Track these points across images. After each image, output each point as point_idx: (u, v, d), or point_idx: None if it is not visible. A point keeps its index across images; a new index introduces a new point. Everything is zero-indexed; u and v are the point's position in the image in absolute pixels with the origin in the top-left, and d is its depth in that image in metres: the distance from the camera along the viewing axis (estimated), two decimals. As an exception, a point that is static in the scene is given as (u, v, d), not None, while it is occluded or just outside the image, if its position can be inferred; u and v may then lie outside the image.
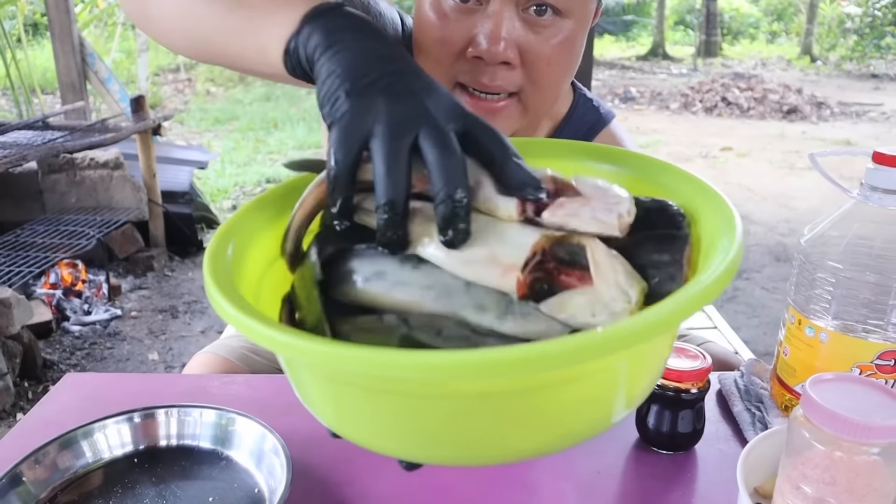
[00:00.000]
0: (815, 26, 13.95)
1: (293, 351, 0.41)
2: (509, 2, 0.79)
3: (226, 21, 0.63)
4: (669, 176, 0.62)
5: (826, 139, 6.89)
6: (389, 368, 0.39)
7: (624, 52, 14.93)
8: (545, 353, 0.38)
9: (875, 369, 0.71)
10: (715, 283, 0.43)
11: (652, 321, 0.40)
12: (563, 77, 0.87)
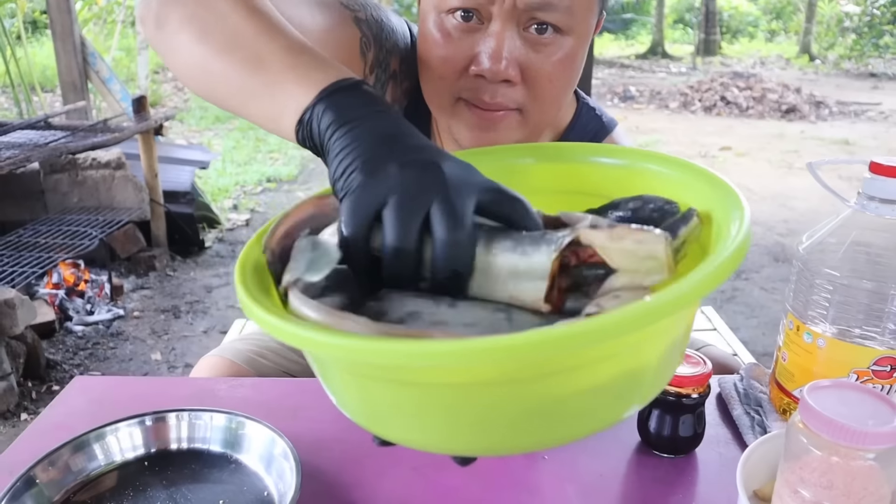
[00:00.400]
0: (814, 25, 13.96)
1: (343, 350, 0.41)
2: (510, 21, 0.81)
3: (242, 84, 0.63)
4: (665, 164, 0.63)
5: (825, 139, 6.90)
6: (442, 357, 0.39)
7: (623, 50, 14.94)
8: (602, 326, 0.39)
9: (872, 375, 0.73)
10: (739, 248, 0.45)
11: (691, 287, 0.41)
12: (564, 92, 0.88)
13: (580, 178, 0.68)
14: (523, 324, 0.48)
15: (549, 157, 0.70)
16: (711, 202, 0.56)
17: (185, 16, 0.68)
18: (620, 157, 0.67)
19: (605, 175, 0.66)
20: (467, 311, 0.49)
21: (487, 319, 0.48)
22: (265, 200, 4.75)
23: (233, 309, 3.10)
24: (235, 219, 4.28)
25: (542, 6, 0.80)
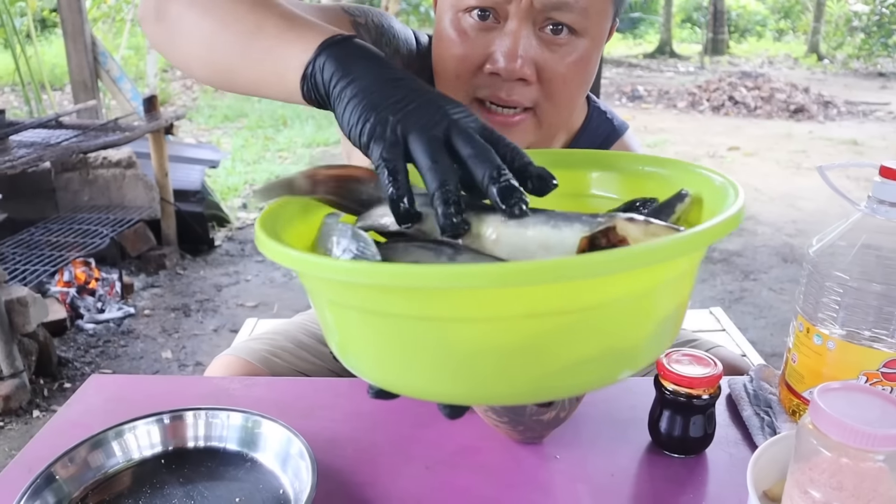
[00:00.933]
0: (823, 24, 13.91)
1: (350, 273, 0.44)
2: (526, 20, 0.82)
3: (246, 50, 0.67)
4: (665, 166, 0.66)
5: (833, 139, 6.88)
6: (449, 278, 0.41)
7: (631, 49, 14.92)
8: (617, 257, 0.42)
9: (881, 377, 0.73)
10: (735, 215, 0.48)
11: (700, 233, 0.45)
12: (578, 93, 0.90)
13: (584, 182, 0.70)
14: None
15: (561, 163, 0.72)
16: (703, 188, 0.59)
17: (182, 4, 0.73)
18: (621, 162, 0.69)
19: (607, 180, 0.69)
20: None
21: None
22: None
23: (242, 308, 3.12)
24: (245, 217, 4.30)
25: (558, 6, 0.81)
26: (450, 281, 0.41)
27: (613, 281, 0.45)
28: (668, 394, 0.76)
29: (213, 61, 0.72)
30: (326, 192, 0.59)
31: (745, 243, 3.96)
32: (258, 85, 0.68)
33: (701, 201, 0.59)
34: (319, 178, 0.58)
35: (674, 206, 0.58)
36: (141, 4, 0.78)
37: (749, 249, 3.86)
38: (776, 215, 4.45)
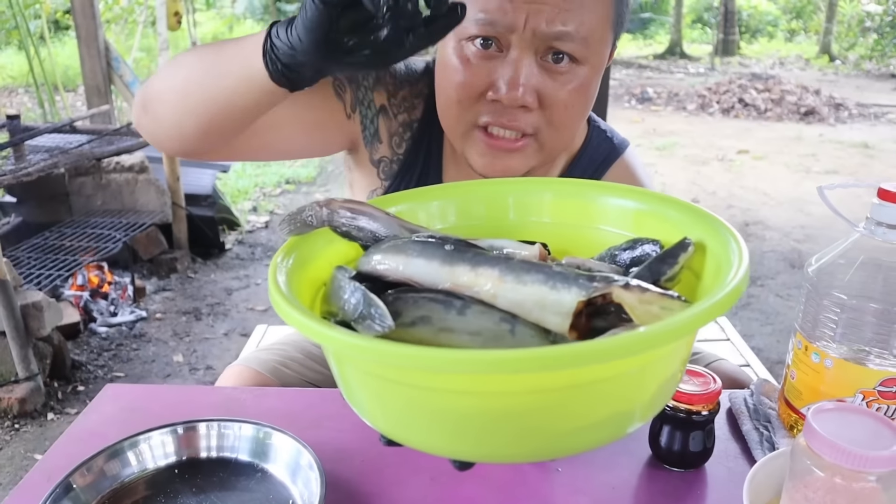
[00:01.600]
0: (835, 25, 13.83)
1: (359, 351, 0.47)
2: (528, 49, 0.84)
3: (214, 72, 0.74)
4: (672, 207, 0.68)
5: (843, 142, 6.85)
6: (453, 364, 0.44)
7: (641, 50, 14.88)
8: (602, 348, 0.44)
9: (878, 395, 0.75)
10: (732, 292, 0.50)
11: (679, 324, 0.46)
12: (578, 119, 0.92)
13: (591, 215, 0.73)
14: (525, 336, 0.52)
15: (566, 193, 0.74)
16: (708, 237, 0.62)
17: (158, 81, 0.83)
18: (631, 198, 0.72)
19: (613, 214, 0.72)
20: (474, 320, 0.54)
21: (492, 330, 0.53)
22: (284, 202, 4.79)
23: (253, 312, 3.15)
24: (255, 221, 4.33)
25: (559, 36, 0.84)
26: (453, 367, 0.44)
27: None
28: (669, 409, 0.78)
29: (192, 105, 0.78)
30: (342, 222, 0.62)
31: (753, 248, 3.96)
32: (235, 94, 0.73)
33: (704, 248, 0.61)
34: (333, 207, 0.61)
35: (677, 255, 0.60)
36: (134, 110, 0.87)
37: (756, 255, 3.86)
38: (784, 220, 4.44)
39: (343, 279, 0.58)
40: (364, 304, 0.54)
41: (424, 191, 0.77)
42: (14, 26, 4.76)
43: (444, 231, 0.72)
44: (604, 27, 0.88)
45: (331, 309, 0.58)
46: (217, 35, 12.10)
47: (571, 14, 0.83)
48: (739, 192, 5.11)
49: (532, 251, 0.63)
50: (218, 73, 0.74)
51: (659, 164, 5.94)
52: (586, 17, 0.84)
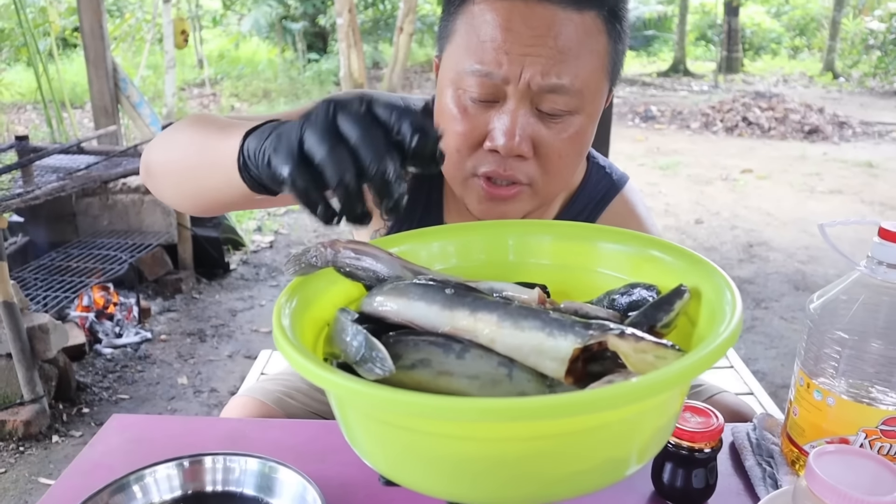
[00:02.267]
0: (838, 42, 13.87)
1: (362, 398, 0.48)
2: (524, 100, 0.86)
3: (201, 169, 0.77)
4: (669, 252, 0.70)
5: (847, 161, 6.85)
6: (448, 413, 0.46)
7: (645, 67, 14.94)
8: (589, 398, 0.45)
9: (880, 434, 0.75)
10: (722, 344, 0.51)
11: (671, 376, 0.47)
12: (573, 166, 0.94)
13: (590, 258, 0.74)
14: (522, 381, 0.54)
15: (566, 236, 0.76)
16: (703, 283, 0.63)
17: (157, 153, 0.88)
18: (627, 242, 0.73)
19: (611, 257, 0.73)
20: (472, 364, 0.55)
21: (490, 374, 0.55)
22: (289, 222, 4.81)
23: (257, 333, 3.16)
24: (259, 241, 4.35)
25: (554, 88, 0.85)
26: (447, 414, 0.46)
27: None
28: (671, 446, 0.78)
29: (184, 190, 0.84)
30: (346, 262, 0.63)
31: (757, 270, 3.96)
32: (222, 195, 0.77)
33: (699, 294, 0.62)
34: (338, 248, 0.62)
35: (673, 302, 0.61)
36: (140, 167, 0.93)
37: (761, 276, 3.85)
38: (788, 241, 4.44)
39: (346, 322, 0.59)
40: (366, 347, 0.55)
41: (426, 232, 0.78)
42: (23, 43, 4.81)
43: (445, 272, 0.73)
44: (598, 77, 0.89)
45: (334, 351, 0.59)
46: (223, 52, 12.20)
47: (566, 66, 0.85)
48: (743, 212, 5.11)
49: (531, 295, 0.64)
50: (205, 171, 0.76)
51: (662, 183, 5.95)
52: (581, 69, 0.86)
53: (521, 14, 0.84)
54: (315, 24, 11.62)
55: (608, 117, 2.38)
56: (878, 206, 5.29)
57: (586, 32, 0.86)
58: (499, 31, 0.84)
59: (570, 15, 0.84)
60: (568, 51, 0.84)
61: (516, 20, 0.84)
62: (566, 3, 0.84)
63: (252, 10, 11.77)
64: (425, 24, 12.07)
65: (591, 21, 0.86)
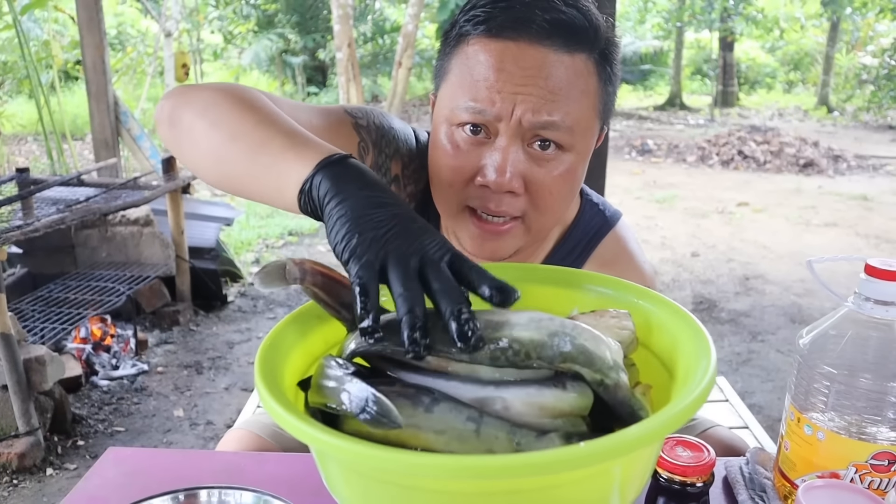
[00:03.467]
0: (832, 77, 14.03)
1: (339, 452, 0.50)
2: (515, 137, 0.88)
3: (251, 165, 0.74)
4: (652, 302, 0.72)
5: (842, 194, 6.90)
6: (416, 469, 0.48)
7: (641, 101, 15.09)
8: (533, 461, 0.47)
9: (870, 469, 0.76)
10: (681, 412, 0.52)
11: (638, 436, 0.49)
12: (564, 203, 0.96)
13: (571, 302, 0.76)
14: (489, 437, 0.55)
15: (546, 280, 0.79)
16: (681, 334, 0.66)
17: (194, 115, 0.80)
18: (613, 288, 0.76)
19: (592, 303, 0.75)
20: (440, 418, 0.56)
21: (458, 430, 0.56)
22: (287, 254, 4.83)
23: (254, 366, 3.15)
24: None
25: (545, 126, 0.88)
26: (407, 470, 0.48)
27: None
28: (663, 481, 0.79)
29: (220, 171, 0.79)
30: (313, 283, 0.64)
31: (753, 303, 3.97)
32: (261, 195, 0.76)
33: (678, 346, 0.65)
34: (307, 268, 0.64)
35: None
36: (157, 108, 0.86)
37: (757, 310, 3.87)
38: (784, 274, 4.45)
39: (340, 373, 0.59)
40: (371, 402, 0.55)
41: None
42: (26, 76, 4.86)
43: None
44: (589, 116, 0.92)
45: (325, 402, 0.59)
46: (223, 86, 12.29)
47: (557, 105, 0.87)
48: (739, 245, 5.14)
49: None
50: (253, 173, 0.74)
51: (659, 216, 5.98)
52: (572, 108, 0.88)
53: (514, 55, 0.87)
54: (315, 58, 11.76)
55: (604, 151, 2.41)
56: (874, 238, 5.32)
57: (577, 74, 0.88)
58: (492, 71, 0.87)
59: (561, 57, 0.87)
60: (559, 91, 0.87)
61: (508, 61, 0.87)
62: (557, 45, 0.87)
63: (253, 43, 11.91)
64: (424, 58, 12.21)
65: (581, 63, 0.89)
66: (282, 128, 0.74)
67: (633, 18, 16.09)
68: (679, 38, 14.35)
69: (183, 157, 0.85)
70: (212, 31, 12.62)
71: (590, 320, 0.63)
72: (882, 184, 7.45)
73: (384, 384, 0.59)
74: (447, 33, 0.95)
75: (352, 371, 0.59)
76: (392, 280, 0.57)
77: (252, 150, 0.74)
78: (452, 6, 11.73)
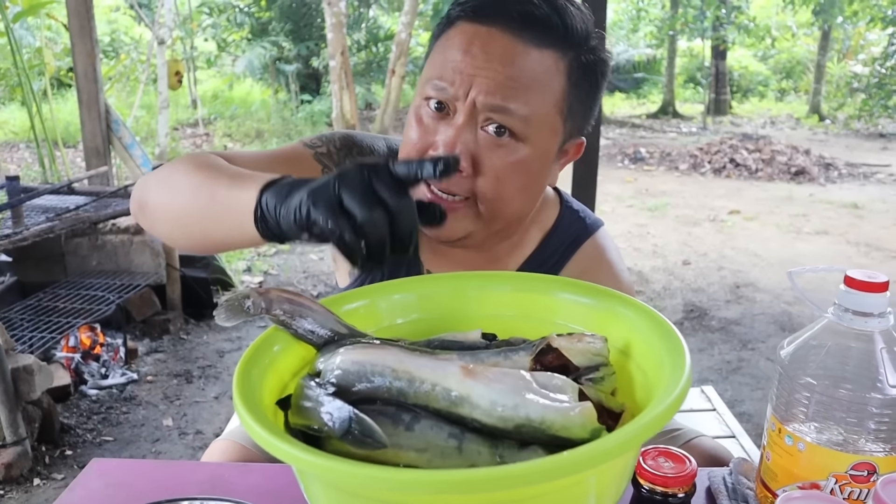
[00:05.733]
0: (823, 85, 14.10)
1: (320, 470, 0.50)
2: (471, 117, 0.92)
3: (208, 214, 0.80)
4: (629, 307, 0.73)
5: (834, 202, 6.93)
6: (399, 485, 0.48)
7: (634, 109, 15.12)
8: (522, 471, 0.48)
9: (850, 479, 0.76)
10: (655, 419, 0.53)
11: (613, 445, 0.50)
12: (518, 194, 0.97)
13: (548, 310, 0.78)
14: (472, 453, 0.55)
15: (524, 288, 0.80)
16: (657, 339, 0.67)
17: (156, 191, 0.90)
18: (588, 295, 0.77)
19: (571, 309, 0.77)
20: (421, 436, 0.57)
21: (439, 447, 0.56)
22: (278, 263, 4.82)
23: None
24: (249, 281, 4.35)
25: (498, 109, 0.91)
26: (386, 485, 0.49)
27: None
28: (645, 491, 0.79)
29: (187, 230, 0.86)
30: (281, 310, 0.64)
31: (744, 311, 3.98)
32: (228, 238, 0.80)
33: (654, 350, 0.66)
34: (272, 297, 0.64)
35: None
36: (131, 202, 0.94)
37: (747, 318, 3.88)
38: (775, 282, 4.47)
39: (320, 395, 0.59)
40: (353, 422, 0.56)
41: (387, 285, 0.81)
42: (18, 83, 4.85)
43: (406, 325, 0.77)
44: (549, 113, 0.94)
45: (307, 423, 0.59)
46: (217, 93, 12.31)
47: (514, 92, 0.90)
48: (730, 253, 5.15)
49: (475, 335, 0.69)
50: (214, 219, 0.79)
51: (651, 224, 6.00)
52: (531, 98, 0.91)
53: (482, 40, 0.91)
54: (308, 65, 11.76)
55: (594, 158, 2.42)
56: (864, 246, 5.34)
57: (543, 69, 0.92)
58: (459, 52, 0.92)
59: (529, 49, 0.91)
60: (518, 79, 0.91)
61: (476, 45, 0.91)
62: (527, 38, 0.91)
63: (246, 51, 11.90)
64: (417, 66, 12.22)
65: (550, 60, 0.93)
66: (228, 174, 0.80)
67: (625, 27, 16.17)
68: (672, 47, 14.40)
69: (160, 233, 0.93)
70: (205, 38, 12.63)
71: (565, 343, 0.64)
72: (872, 192, 7.48)
73: (366, 402, 0.59)
74: (440, 22, 0.99)
75: (331, 391, 0.59)
76: (350, 208, 0.61)
77: (206, 204, 0.80)
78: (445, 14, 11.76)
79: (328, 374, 0.62)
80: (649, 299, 4.13)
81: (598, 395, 0.62)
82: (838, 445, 0.76)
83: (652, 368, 0.65)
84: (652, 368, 0.65)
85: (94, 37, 3.84)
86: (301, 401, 0.60)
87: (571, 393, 0.58)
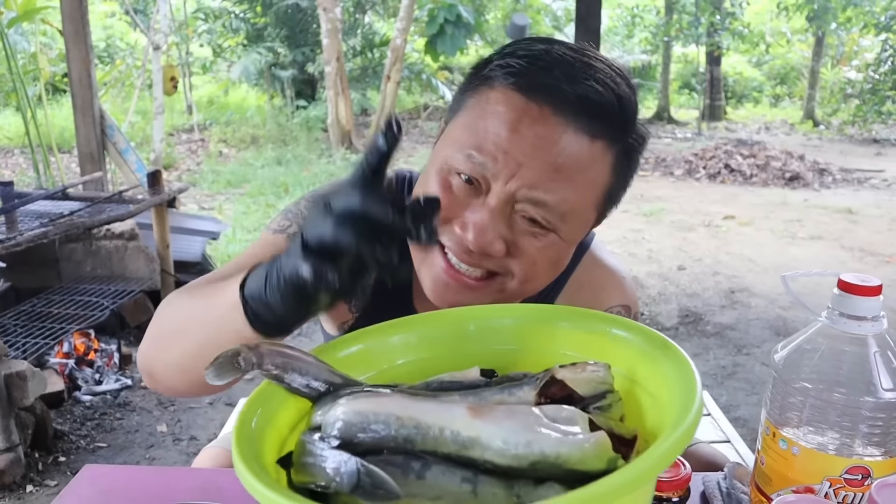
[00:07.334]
0: (818, 91, 14.16)
1: None
2: (508, 203, 0.83)
3: (206, 339, 0.75)
4: (634, 332, 0.72)
5: (828, 207, 6.96)
6: None
7: (629, 116, 15.14)
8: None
9: (844, 483, 0.76)
10: (673, 447, 0.51)
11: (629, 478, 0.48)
12: (545, 275, 0.90)
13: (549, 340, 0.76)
14: (487, 497, 0.54)
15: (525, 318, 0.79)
16: (665, 364, 0.65)
17: (154, 353, 0.86)
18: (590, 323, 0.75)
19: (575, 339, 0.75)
20: (434, 483, 0.55)
21: (454, 494, 0.54)
22: (274, 267, 4.80)
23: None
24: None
25: (537, 203, 0.82)
26: None
27: None
28: (640, 497, 0.79)
29: (197, 370, 0.79)
30: (273, 364, 0.62)
31: (739, 316, 3.99)
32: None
33: (662, 374, 0.64)
34: (263, 351, 0.62)
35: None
36: (143, 377, 0.91)
37: (742, 323, 3.88)
38: (770, 287, 4.47)
39: (325, 450, 0.57)
40: (363, 475, 0.53)
41: (385, 326, 0.78)
42: (13, 89, 4.84)
43: (407, 365, 0.75)
44: (587, 208, 0.87)
45: (313, 480, 0.56)
46: (212, 98, 12.32)
47: (557, 186, 0.82)
48: (725, 258, 5.16)
49: (474, 373, 0.68)
50: (209, 343, 0.72)
51: (646, 230, 6.01)
52: (571, 196, 0.83)
53: (533, 119, 0.81)
54: (304, 71, 11.77)
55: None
56: (858, 251, 5.36)
57: (591, 159, 0.83)
58: (505, 126, 0.81)
59: (581, 139, 0.82)
60: (565, 170, 0.82)
61: (525, 123, 0.81)
62: (581, 125, 0.81)
63: (242, 57, 11.92)
64: (412, 72, 12.24)
65: (599, 151, 0.84)
66: (205, 293, 0.78)
67: (620, 33, 16.23)
68: (667, 53, 14.46)
69: (182, 389, 0.88)
70: (201, 44, 12.65)
71: (569, 374, 0.62)
72: (866, 197, 7.51)
73: (372, 453, 0.57)
74: (477, 68, 0.89)
75: (335, 445, 0.57)
76: (338, 241, 0.58)
77: (199, 326, 0.77)
78: (441, 20, 11.81)
79: (329, 426, 0.59)
80: (644, 305, 4.13)
81: (609, 422, 0.59)
82: (833, 449, 0.76)
83: (659, 390, 0.63)
84: (659, 390, 0.63)
85: (89, 42, 3.84)
86: (304, 457, 0.57)
87: (582, 424, 0.56)
